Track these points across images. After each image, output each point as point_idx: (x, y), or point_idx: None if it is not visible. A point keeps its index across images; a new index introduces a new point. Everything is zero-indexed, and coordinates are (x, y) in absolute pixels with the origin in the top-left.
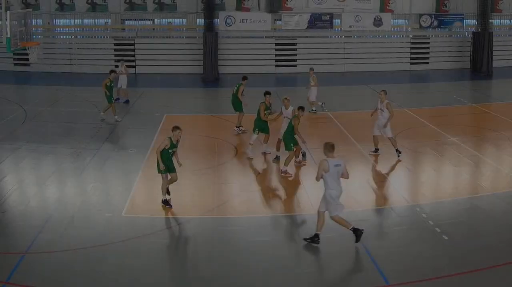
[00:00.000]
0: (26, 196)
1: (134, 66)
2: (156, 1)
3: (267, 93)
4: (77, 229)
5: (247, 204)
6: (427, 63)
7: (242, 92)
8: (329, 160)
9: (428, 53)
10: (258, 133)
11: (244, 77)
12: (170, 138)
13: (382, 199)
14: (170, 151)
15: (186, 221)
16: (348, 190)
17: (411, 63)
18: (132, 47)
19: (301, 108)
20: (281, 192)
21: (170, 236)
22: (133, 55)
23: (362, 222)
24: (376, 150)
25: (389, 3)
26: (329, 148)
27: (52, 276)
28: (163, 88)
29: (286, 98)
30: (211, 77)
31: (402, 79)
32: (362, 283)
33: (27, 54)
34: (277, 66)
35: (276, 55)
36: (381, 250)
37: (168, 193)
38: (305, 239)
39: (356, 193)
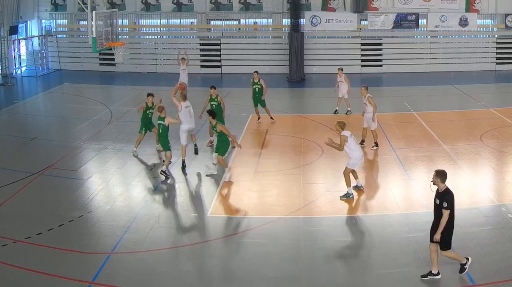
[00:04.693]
0: (112, 195)
1: (219, 66)
2: (242, 1)
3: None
4: (163, 229)
5: (333, 204)
6: None
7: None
8: None
9: None
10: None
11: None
12: None
13: (467, 199)
14: None
15: (272, 221)
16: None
17: (497, 63)
18: (217, 47)
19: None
20: (367, 192)
21: (256, 236)
22: (219, 55)
23: None
24: (362, 141)
25: (474, 3)
26: None
27: (137, 276)
28: (248, 88)
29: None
30: (297, 77)
31: (487, 79)
32: (448, 283)
33: (112, 54)
34: (362, 66)
35: (362, 55)
36: (466, 250)
37: None
38: None
39: None
